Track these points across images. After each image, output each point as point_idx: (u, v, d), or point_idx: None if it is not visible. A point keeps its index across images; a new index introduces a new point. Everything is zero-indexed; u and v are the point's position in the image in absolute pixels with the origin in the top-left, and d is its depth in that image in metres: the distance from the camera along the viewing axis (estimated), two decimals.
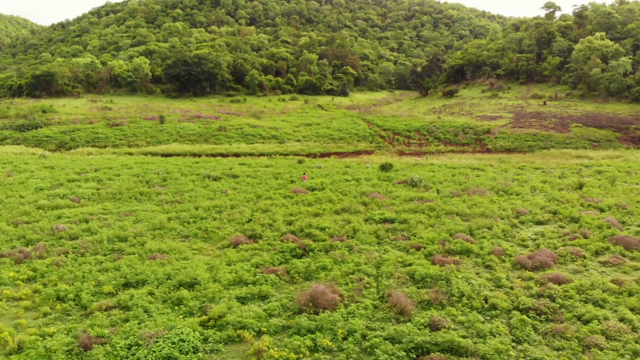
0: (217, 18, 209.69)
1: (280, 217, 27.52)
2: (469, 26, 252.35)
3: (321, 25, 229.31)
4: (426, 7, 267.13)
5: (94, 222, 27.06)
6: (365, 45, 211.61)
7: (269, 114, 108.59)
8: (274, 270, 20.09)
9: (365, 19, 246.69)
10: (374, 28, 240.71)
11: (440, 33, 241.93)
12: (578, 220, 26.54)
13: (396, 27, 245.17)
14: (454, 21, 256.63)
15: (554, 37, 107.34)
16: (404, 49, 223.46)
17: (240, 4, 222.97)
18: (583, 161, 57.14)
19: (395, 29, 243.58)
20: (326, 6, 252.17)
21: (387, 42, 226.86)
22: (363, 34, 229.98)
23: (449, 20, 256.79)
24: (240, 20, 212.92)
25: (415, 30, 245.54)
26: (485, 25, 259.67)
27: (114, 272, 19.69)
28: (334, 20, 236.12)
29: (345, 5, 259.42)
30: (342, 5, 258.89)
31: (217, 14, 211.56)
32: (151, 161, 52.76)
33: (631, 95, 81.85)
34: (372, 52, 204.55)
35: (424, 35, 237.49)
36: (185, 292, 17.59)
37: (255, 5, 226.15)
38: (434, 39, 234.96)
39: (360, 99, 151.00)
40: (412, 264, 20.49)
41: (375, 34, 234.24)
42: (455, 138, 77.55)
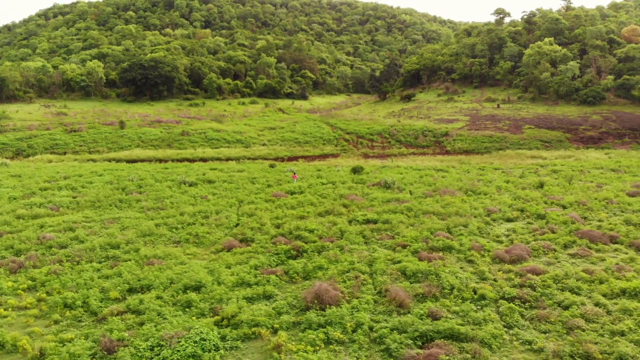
0: (171, 21, 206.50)
1: (268, 220, 28.42)
2: (421, 31, 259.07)
3: (277, 29, 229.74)
4: (380, 12, 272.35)
5: (80, 231, 27.07)
6: (322, 49, 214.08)
7: (230, 117, 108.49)
8: (273, 271, 21.03)
9: (321, 23, 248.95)
10: (330, 32, 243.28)
11: (394, 37, 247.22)
12: (544, 216, 28.79)
13: (351, 32, 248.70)
14: (407, 26, 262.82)
15: (505, 43, 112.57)
16: (360, 53, 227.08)
17: (194, 7, 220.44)
18: (538, 161, 60.59)
19: (350, 33, 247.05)
20: (282, 10, 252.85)
21: (343, 46, 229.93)
22: (319, 38, 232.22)
23: (402, 25, 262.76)
24: (195, 23, 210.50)
25: (370, 34, 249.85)
26: (437, 30, 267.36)
27: (117, 279, 20.08)
28: (290, 23, 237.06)
29: (300, 9, 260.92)
30: (298, 9, 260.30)
31: (171, 16, 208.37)
32: (119, 168, 52.17)
33: (579, 97, 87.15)
34: (329, 56, 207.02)
35: (378, 40, 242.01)
36: (193, 295, 18.29)
37: (210, 8, 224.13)
38: (388, 43, 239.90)
39: (320, 103, 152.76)
40: (401, 261, 21.91)
41: (331, 38, 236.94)
42: (416, 141, 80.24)
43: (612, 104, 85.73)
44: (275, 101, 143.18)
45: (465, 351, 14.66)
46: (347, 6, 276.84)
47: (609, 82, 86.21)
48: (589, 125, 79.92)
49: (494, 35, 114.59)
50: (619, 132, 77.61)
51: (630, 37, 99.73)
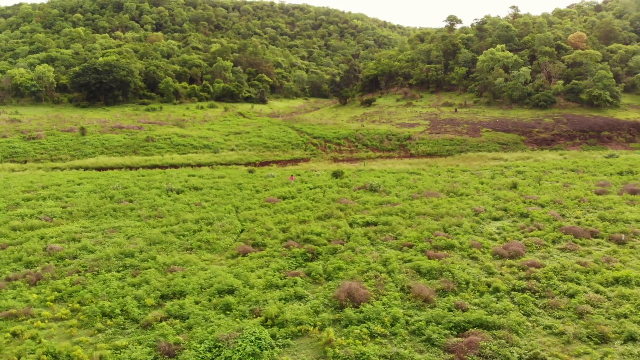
0: (121, 23, 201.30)
1: (272, 225, 29.30)
2: (372, 36, 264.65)
3: (231, 32, 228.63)
4: (332, 17, 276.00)
5: (86, 241, 27.02)
6: (277, 53, 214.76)
7: (190, 122, 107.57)
8: (295, 273, 22.04)
9: (275, 27, 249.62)
10: (284, 36, 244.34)
11: (347, 42, 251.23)
12: (528, 215, 31.18)
13: (305, 36, 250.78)
14: (359, 31, 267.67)
15: (458, 49, 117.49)
16: (314, 58, 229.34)
17: (144, 9, 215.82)
18: (500, 162, 64.11)
19: (304, 37, 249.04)
20: (234, 13, 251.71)
21: (298, 50, 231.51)
22: (273, 42, 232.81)
23: (355, 30, 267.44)
24: (146, 26, 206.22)
25: (324, 39, 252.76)
26: (388, 36, 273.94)
27: (146, 286, 20.49)
28: (243, 27, 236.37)
29: (253, 13, 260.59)
30: (250, 12, 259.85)
31: (121, 19, 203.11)
32: (94, 176, 51.19)
33: (532, 101, 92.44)
34: (284, 60, 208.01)
35: (332, 45, 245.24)
36: (230, 298, 19.06)
37: (160, 10, 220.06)
38: (342, 48, 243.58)
39: (279, 107, 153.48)
40: (412, 260, 23.46)
41: (285, 42, 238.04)
42: (381, 144, 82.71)
43: (562, 107, 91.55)
44: (234, 105, 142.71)
45: (498, 337, 16.29)
46: (300, 10, 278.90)
47: (559, 87, 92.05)
48: (542, 127, 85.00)
49: (448, 41, 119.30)
50: (569, 134, 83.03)
51: (577, 44, 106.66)
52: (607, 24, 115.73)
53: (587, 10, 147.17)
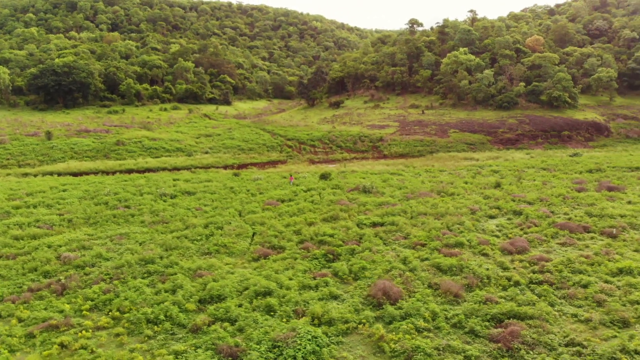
0: (75, 23, 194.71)
1: (283, 228, 29.84)
2: (332, 38, 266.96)
3: (189, 33, 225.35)
4: (291, 18, 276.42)
5: (98, 248, 26.73)
6: (238, 54, 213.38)
7: (156, 124, 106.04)
8: (323, 274, 22.74)
9: (234, 28, 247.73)
10: (243, 37, 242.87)
11: (307, 44, 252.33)
12: (521, 213, 33.01)
13: (265, 37, 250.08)
14: (318, 32, 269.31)
15: (422, 52, 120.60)
16: (275, 59, 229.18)
17: (99, 9, 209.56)
18: (473, 162, 66.66)
19: (264, 38, 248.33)
20: (192, 13, 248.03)
21: (258, 51, 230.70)
22: (233, 43, 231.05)
23: (314, 32, 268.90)
24: (102, 26, 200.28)
25: (284, 40, 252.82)
26: (347, 37, 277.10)
27: (182, 292, 20.67)
28: (202, 27, 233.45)
29: (211, 13, 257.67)
30: (208, 12, 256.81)
31: (75, 18, 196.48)
32: (74, 182, 49.86)
33: (495, 103, 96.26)
34: (245, 60, 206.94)
35: (292, 46, 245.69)
36: (271, 300, 19.58)
37: (116, 10, 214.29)
38: (302, 49, 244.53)
39: (244, 108, 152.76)
40: (429, 258, 24.64)
41: (245, 43, 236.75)
42: (355, 146, 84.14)
43: (524, 108, 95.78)
44: (198, 107, 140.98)
45: (533, 326, 17.59)
46: (258, 11, 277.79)
47: (521, 89, 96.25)
48: (506, 128, 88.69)
49: (412, 45, 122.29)
50: (532, 134, 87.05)
51: (534, 47, 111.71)
52: (562, 28, 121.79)
53: (541, 14, 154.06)
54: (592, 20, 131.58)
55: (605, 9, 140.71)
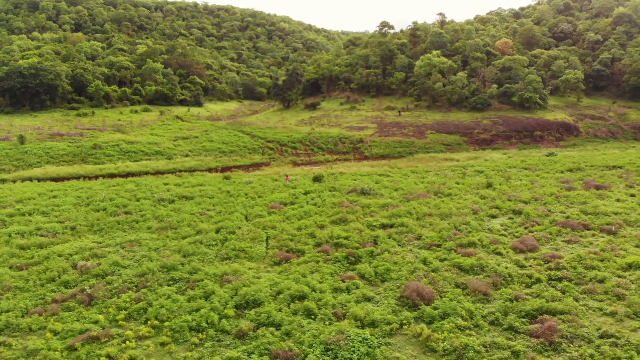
0: (37, 24, 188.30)
1: (295, 231, 30.04)
2: (300, 39, 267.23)
3: (156, 33, 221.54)
4: (259, 19, 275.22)
5: (112, 256, 26.30)
6: (206, 54, 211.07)
7: (129, 127, 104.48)
8: (350, 277, 23.11)
9: (201, 28, 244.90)
10: (211, 37, 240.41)
11: (275, 45, 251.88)
12: (520, 212, 34.20)
13: (232, 38, 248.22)
14: (286, 34, 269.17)
15: (395, 54, 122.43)
16: (244, 60, 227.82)
17: (62, 9, 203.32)
18: (454, 163, 68.27)
19: (231, 39, 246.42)
20: (157, 13, 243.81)
21: (226, 52, 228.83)
22: (200, 43, 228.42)
23: (282, 33, 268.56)
24: (65, 26, 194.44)
25: (252, 41, 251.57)
26: (315, 39, 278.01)
27: (216, 298, 20.64)
28: (168, 28, 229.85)
29: (177, 13, 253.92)
30: (174, 13, 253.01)
31: (37, 19, 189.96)
32: (59, 187, 48.51)
33: (469, 104, 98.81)
34: (214, 61, 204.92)
35: (260, 47, 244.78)
36: (310, 304, 19.82)
37: (79, 10, 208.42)
38: (271, 50, 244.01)
39: (216, 110, 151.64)
40: (447, 259, 25.34)
41: (213, 44, 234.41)
42: (336, 147, 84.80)
43: (497, 109, 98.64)
44: (170, 108, 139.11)
45: (566, 321, 18.46)
46: (225, 12, 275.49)
47: (494, 90, 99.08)
48: (481, 129, 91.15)
49: (385, 47, 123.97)
50: (506, 134, 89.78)
51: (504, 49, 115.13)
52: (529, 31, 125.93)
53: (506, 17, 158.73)
54: (557, 24, 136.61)
55: (569, 12, 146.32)
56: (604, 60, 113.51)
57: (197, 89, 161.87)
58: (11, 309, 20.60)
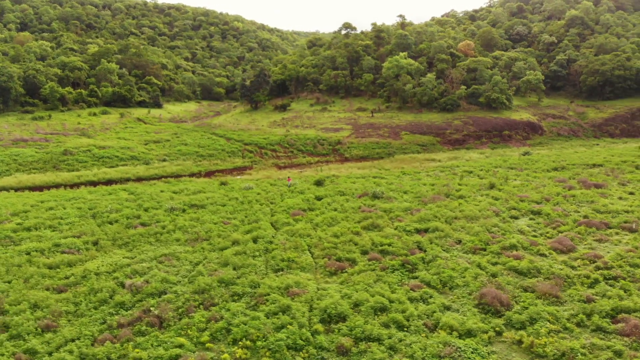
0: None
1: (334, 239, 29.68)
2: (255, 39, 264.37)
3: (105, 32, 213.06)
4: (212, 18, 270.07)
5: (158, 272, 25.07)
6: (159, 54, 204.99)
7: (92, 130, 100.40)
8: (417, 285, 23.11)
9: (152, 27, 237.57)
10: (163, 37, 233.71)
11: (230, 44, 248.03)
12: (539, 212, 35.32)
13: (185, 37, 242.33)
14: (241, 33, 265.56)
15: (361, 56, 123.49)
16: (199, 59, 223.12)
17: (6, 7, 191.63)
18: (437, 163, 69.68)
19: (184, 38, 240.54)
20: (106, 12, 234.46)
21: (180, 51, 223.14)
22: (153, 43, 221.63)
23: (236, 32, 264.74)
24: (10, 26, 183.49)
25: (205, 40, 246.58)
26: (269, 39, 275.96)
27: (298, 313, 20.10)
28: (118, 26, 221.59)
29: (126, 12, 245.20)
30: (123, 11, 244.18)
31: None
32: (47, 198, 45.64)
33: (439, 105, 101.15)
34: (169, 61, 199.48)
35: (215, 46, 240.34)
36: (395, 315, 19.68)
37: (24, 8, 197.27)
38: (226, 50, 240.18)
39: (177, 111, 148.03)
40: (498, 263, 25.82)
41: (165, 43, 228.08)
42: (315, 149, 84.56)
43: (466, 110, 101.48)
44: (129, 110, 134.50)
45: None
46: (176, 10, 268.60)
47: (462, 92, 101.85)
48: (453, 129, 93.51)
49: (351, 49, 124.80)
50: (477, 134, 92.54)
51: (466, 51, 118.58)
52: (488, 33, 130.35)
53: (462, 20, 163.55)
54: (513, 26, 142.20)
55: (522, 15, 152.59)
56: (560, 61, 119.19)
57: (155, 90, 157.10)
58: (76, 337, 19.25)
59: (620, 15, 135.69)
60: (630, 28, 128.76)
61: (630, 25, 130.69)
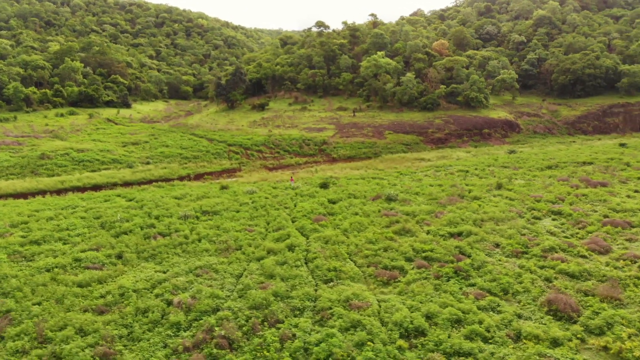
0: None
1: (372, 246, 29.01)
2: (220, 36, 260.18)
3: (66, 29, 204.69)
4: (175, 15, 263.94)
5: (202, 287, 23.72)
6: (123, 52, 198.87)
7: (63, 132, 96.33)
8: (480, 294, 22.68)
9: (114, 24, 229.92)
10: (125, 34, 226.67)
11: (195, 42, 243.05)
12: (561, 213, 35.70)
13: (148, 34, 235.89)
14: (205, 30, 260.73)
15: (337, 55, 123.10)
16: (163, 57, 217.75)
17: None
18: (428, 163, 69.97)
19: (148, 36, 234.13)
20: (65, 8, 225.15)
21: (144, 49, 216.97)
22: (115, 40, 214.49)
23: (201, 30, 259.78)
24: None
25: (170, 38, 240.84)
26: (235, 36, 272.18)
27: (374, 328, 19.32)
28: (78, 24, 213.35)
29: (86, 9, 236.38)
30: (83, 8, 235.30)
31: None
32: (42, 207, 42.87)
33: (420, 104, 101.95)
34: (133, 59, 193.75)
35: (180, 44, 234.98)
36: (476, 327, 19.18)
37: None
38: (191, 47, 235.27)
39: (146, 111, 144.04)
40: (545, 266, 25.75)
41: (128, 41, 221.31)
42: (301, 150, 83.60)
43: (446, 109, 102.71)
44: (97, 111, 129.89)
45: None
46: (138, 7, 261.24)
47: (442, 91, 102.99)
48: (435, 128, 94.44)
49: (327, 47, 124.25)
50: (458, 133, 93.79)
51: (441, 50, 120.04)
52: (461, 32, 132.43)
53: (432, 19, 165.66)
54: (482, 25, 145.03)
55: (490, 14, 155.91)
56: (531, 60, 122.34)
57: (122, 89, 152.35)
58: None
59: (586, 14, 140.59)
60: (596, 27, 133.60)
61: (595, 24, 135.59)
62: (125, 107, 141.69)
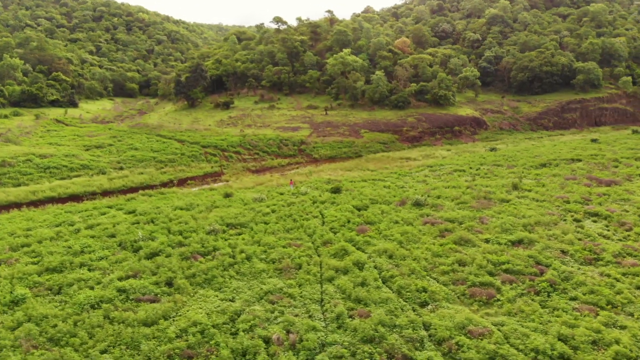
0: None
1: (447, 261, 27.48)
2: (163, 31, 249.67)
3: None
4: (113, 9, 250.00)
5: (295, 319, 21.18)
6: (61, 47, 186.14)
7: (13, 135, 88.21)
8: (591, 309, 21.75)
9: (49, 18, 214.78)
10: (62, 29, 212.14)
11: (137, 37, 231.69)
12: (598, 214, 35.69)
13: (87, 29, 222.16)
14: (147, 25, 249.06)
15: (299, 52, 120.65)
16: (104, 53, 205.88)
17: None
18: (417, 162, 69.38)
19: (86, 30, 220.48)
20: None
21: (83, 44, 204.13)
22: (51, 35, 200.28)
23: (142, 24, 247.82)
24: None
25: (109, 32, 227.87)
26: (178, 31, 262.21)
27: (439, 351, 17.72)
28: (11, 18, 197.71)
29: (18, 2, 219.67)
30: (14, 1, 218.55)
31: None
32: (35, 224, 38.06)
33: (391, 103, 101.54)
34: (73, 55, 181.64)
35: (121, 39, 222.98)
36: (619, 348, 18.03)
37: None
38: (133, 42, 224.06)
39: (95, 110, 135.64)
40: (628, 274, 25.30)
41: (66, 36, 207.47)
42: (280, 150, 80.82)
43: (416, 107, 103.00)
44: (43, 111, 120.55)
45: None
46: (74, 0, 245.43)
47: (412, 89, 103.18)
48: (408, 126, 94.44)
49: (290, 44, 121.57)
50: (431, 131, 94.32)
51: (404, 49, 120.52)
52: (419, 30, 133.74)
53: (386, 17, 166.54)
54: (437, 23, 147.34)
55: (442, 12, 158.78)
56: (488, 58, 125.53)
57: (66, 88, 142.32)
58: None
59: (535, 13, 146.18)
60: (546, 26, 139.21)
61: (545, 23, 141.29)
62: (72, 106, 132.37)
